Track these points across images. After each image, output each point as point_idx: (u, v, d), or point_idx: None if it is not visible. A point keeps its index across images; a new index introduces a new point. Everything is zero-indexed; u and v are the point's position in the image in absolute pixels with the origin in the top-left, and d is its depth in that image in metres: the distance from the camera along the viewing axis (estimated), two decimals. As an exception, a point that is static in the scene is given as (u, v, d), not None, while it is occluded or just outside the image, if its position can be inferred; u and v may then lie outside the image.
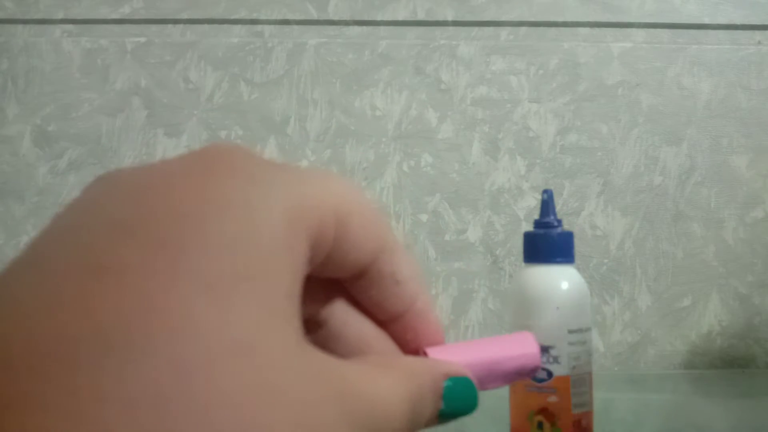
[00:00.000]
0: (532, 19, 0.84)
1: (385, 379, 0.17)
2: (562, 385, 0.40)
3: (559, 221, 0.43)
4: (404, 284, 0.20)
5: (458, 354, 0.21)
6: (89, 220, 0.15)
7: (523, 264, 0.44)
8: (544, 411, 0.40)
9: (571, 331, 0.41)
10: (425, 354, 0.21)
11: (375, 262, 0.19)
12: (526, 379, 0.22)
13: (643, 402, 0.65)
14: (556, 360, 0.40)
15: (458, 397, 0.19)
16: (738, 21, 0.85)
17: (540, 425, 0.40)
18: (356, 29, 0.84)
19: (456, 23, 0.84)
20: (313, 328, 0.20)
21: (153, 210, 0.14)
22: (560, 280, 0.42)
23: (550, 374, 0.40)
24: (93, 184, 0.16)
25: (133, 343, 0.12)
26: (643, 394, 0.69)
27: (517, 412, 0.41)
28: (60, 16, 0.83)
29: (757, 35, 0.85)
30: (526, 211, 0.82)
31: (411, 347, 0.21)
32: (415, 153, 0.82)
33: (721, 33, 0.85)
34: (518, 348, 0.22)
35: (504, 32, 0.84)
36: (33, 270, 0.14)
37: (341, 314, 0.20)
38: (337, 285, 0.20)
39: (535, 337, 0.22)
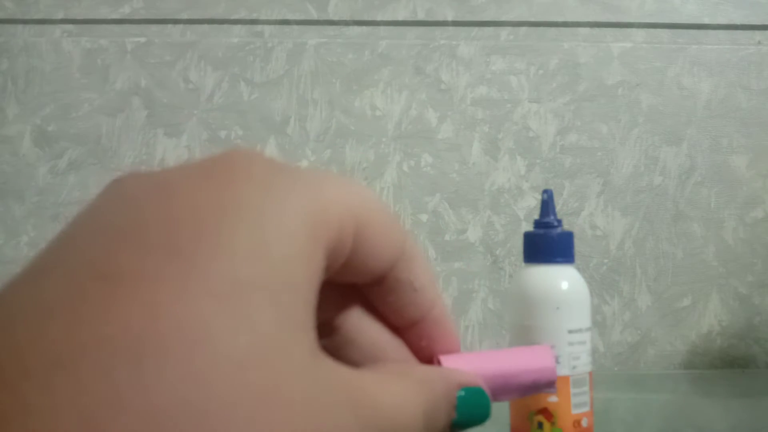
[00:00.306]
0: (532, 19, 0.84)
1: (399, 388, 0.17)
2: (562, 385, 0.40)
3: (559, 221, 0.43)
4: (422, 292, 0.20)
5: (473, 364, 0.21)
6: (94, 227, 0.15)
7: (523, 264, 0.44)
8: (544, 411, 0.40)
9: (571, 331, 0.41)
10: (439, 362, 0.20)
11: (393, 269, 0.19)
12: (541, 392, 0.22)
13: (643, 402, 0.65)
14: (556, 360, 0.40)
15: (471, 407, 0.19)
16: (738, 21, 0.85)
17: (540, 425, 0.40)
18: (356, 29, 0.84)
19: (456, 23, 0.84)
20: (328, 332, 0.20)
21: (162, 215, 0.14)
22: (560, 280, 0.42)
23: (550, 374, 0.40)
24: (103, 189, 0.16)
25: (138, 352, 0.12)
26: (643, 394, 0.69)
27: (517, 412, 0.41)
28: (60, 16, 0.83)
29: (757, 35, 0.85)
30: (526, 211, 0.82)
31: (426, 354, 0.21)
32: (415, 153, 0.82)
33: (721, 33, 0.85)
34: (534, 361, 0.21)
35: (504, 32, 0.84)
36: (40, 278, 0.14)
37: (356, 320, 0.20)
38: (353, 290, 0.20)
39: (552, 351, 0.22)
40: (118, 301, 0.13)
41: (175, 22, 0.83)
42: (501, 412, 0.42)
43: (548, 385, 0.22)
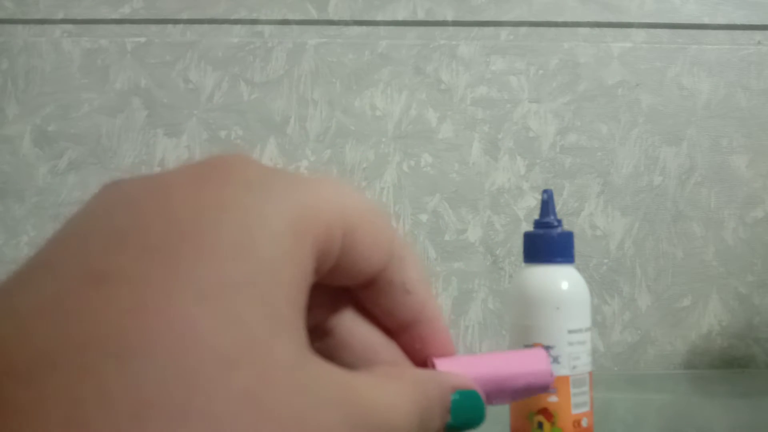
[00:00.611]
0: (532, 19, 0.84)
1: (393, 390, 0.17)
2: (562, 385, 0.40)
3: (559, 221, 0.43)
4: (414, 294, 0.19)
5: (467, 367, 0.20)
6: (89, 228, 0.15)
7: (523, 264, 0.44)
8: (544, 411, 0.40)
9: (571, 331, 0.41)
10: (433, 365, 0.20)
11: (384, 270, 0.19)
12: (535, 395, 0.22)
13: (643, 402, 0.65)
14: (556, 360, 0.40)
15: (465, 410, 0.19)
16: (738, 21, 0.85)
17: (540, 425, 0.40)
18: (356, 29, 0.84)
19: (456, 23, 0.84)
20: (321, 335, 0.20)
21: (150, 218, 0.14)
22: (560, 280, 0.42)
23: (550, 374, 0.40)
24: (98, 192, 0.16)
25: (126, 351, 0.12)
26: (643, 394, 0.69)
27: (517, 412, 0.41)
28: (60, 16, 0.83)
29: (757, 35, 0.85)
30: (526, 211, 0.82)
31: (420, 356, 0.21)
32: (415, 153, 0.82)
33: (721, 33, 0.85)
34: (529, 365, 0.21)
35: (504, 32, 0.84)
36: (32, 278, 0.14)
37: (349, 322, 0.20)
38: (346, 293, 0.20)
39: (547, 355, 0.22)
40: (107, 301, 0.13)
41: (175, 22, 0.83)
42: (501, 411, 0.42)
43: (543, 388, 0.22)
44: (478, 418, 0.20)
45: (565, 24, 0.84)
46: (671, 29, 0.85)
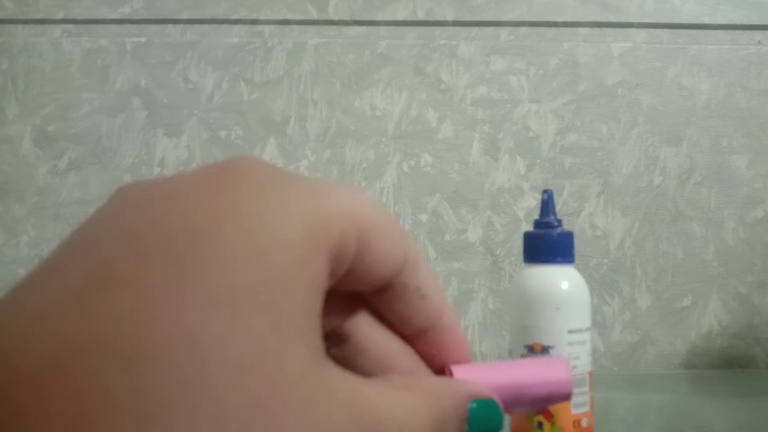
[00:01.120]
0: (532, 19, 0.84)
1: (407, 400, 0.17)
2: (562, 385, 0.40)
3: (559, 221, 0.43)
4: (429, 299, 0.19)
5: (486, 375, 0.20)
6: (98, 232, 0.15)
7: (523, 264, 0.44)
8: (544, 411, 0.40)
9: (571, 331, 0.41)
10: (451, 373, 0.20)
11: (399, 275, 0.18)
12: (554, 405, 0.21)
13: (643, 402, 0.65)
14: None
15: (483, 420, 0.19)
16: (738, 21, 0.85)
17: (540, 425, 0.40)
18: (356, 29, 0.84)
19: (456, 23, 0.84)
20: (337, 342, 0.20)
21: (160, 223, 0.14)
22: (560, 280, 0.42)
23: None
24: (111, 196, 0.16)
25: (132, 356, 0.12)
26: (643, 394, 0.69)
27: (517, 412, 0.41)
28: (60, 16, 0.83)
29: (757, 35, 0.85)
30: (526, 211, 0.82)
31: (436, 363, 0.21)
32: (415, 153, 0.82)
33: (721, 33, 0.85)
34: (549, 374, 0.21)
35: (504, 32, 0.84)
36: (40, 282, 0.14)
37: (366, 328, 0.20)
38: (362, 298, 0.20)
39: (568, 364, 0.21)
40: (114, 306, 0.13)
41: (175, 22, 0.83)
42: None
43: (563, 398, 0.21)
44: (495, 428, 0.19)
45: (565, 24, 0.84)
46: (671, 29, 0.85)
